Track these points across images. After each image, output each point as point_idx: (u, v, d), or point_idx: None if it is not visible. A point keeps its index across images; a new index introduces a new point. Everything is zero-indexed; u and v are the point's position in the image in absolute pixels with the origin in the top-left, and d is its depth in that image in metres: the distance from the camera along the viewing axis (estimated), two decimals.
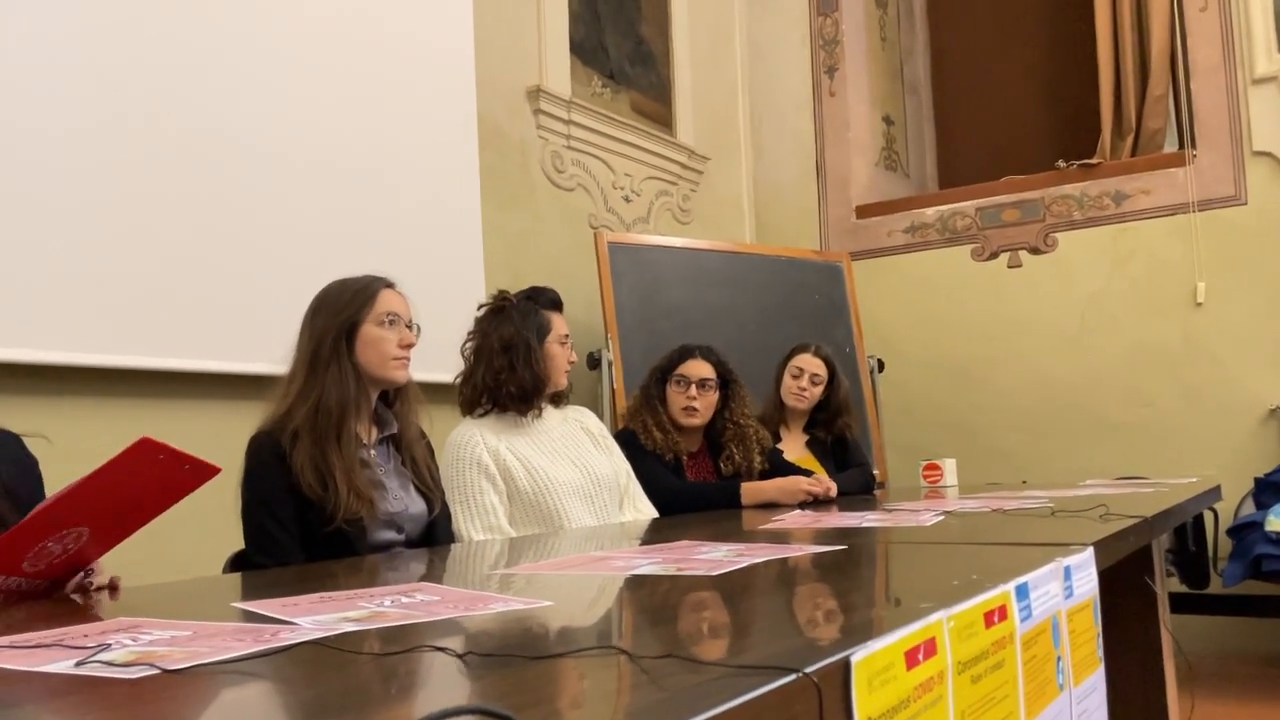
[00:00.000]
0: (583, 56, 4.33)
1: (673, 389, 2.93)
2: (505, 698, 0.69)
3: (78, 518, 1.27)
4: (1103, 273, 4.59)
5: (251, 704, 0.72)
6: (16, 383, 2.27)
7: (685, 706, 0.63)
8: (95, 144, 2.50)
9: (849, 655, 0.77)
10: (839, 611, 1.01)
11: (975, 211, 4.86)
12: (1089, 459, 4.41)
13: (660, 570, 1.38)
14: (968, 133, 5.56)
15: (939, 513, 2.16)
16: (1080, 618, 1.36)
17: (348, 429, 1.94)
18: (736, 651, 0.81)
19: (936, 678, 0.92)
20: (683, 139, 4.85)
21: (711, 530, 2.10)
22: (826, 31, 5.25)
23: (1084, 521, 1.83)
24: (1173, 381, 4.41)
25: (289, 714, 0.70)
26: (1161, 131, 4.59)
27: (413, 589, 1.24)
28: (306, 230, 2.94)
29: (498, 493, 2.38)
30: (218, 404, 2.65)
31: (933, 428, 4.74)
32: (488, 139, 3.76)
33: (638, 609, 1.13)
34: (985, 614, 1.06)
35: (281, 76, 2.95)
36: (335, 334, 1.97)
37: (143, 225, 2.57)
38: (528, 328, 2.43)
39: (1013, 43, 5.42)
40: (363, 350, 1.99)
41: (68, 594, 1.35)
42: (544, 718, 0.61)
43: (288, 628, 1.00)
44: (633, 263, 3.96)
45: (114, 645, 0.92)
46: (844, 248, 5.01)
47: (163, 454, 1.23)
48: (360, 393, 1.99)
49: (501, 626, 0.97)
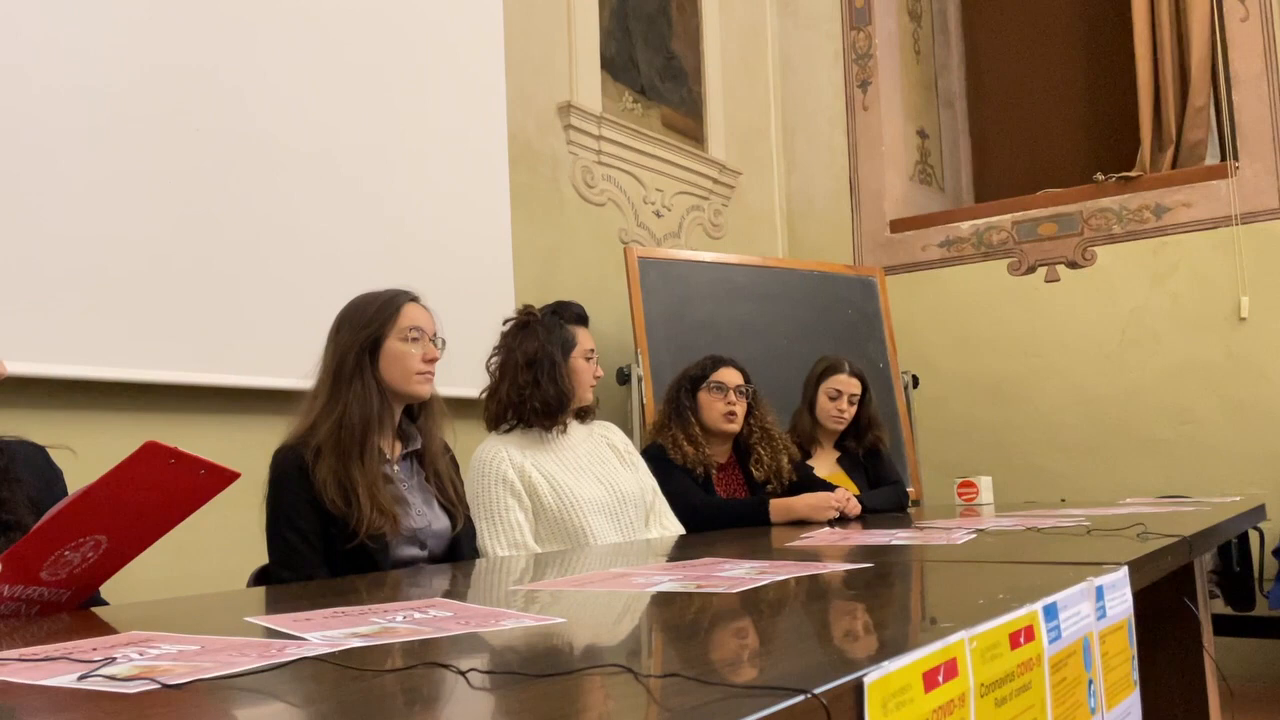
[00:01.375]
0: (613, 72, 4.33)
1: (709, 396, 2.92)
2: (499, 717, 0.67)
3: (93, 525, 1.26)
4: (1143, 287, 4.50)
5: None
6: (43, 397, 2.29)
7: None
8: (127, 160, 2.52)
9: (862, 676, 0.75)
10: (857, 631, 0.98)
11: (1012, 225, 4.80)
12: (1130, 477, 4.33)
13: (680, 587, 1.35)
14: (1004, 146, 5.50)
15: (971, 531, 2.11)
16: (1114, 639, 1.32)
17: (371, 445, 1.93)
18: (746, 671, 0.79)
19: (958, 700, 0.89)
20: (714, 154, 4.84)
21: (738, 547, 2.07)
22: (860, 45, 5.22)
23: (1120, 540, 1.78)
24: (1216, 398, 4.31)
25: None
26: (1203, 143, 4.51)
27: (427, 605, 1.23)
28: (336, 246, 2.95)
29: (523, 509, 2.36)
30: (244, 418, 2.66)
31: (969, 445, 4.67)
32: (518, 155, 3.76)
33: (651, 627, 1.10)
34: (1011, 634, 1.03)
35: (312, 92, 2.97)
36: (359, 349, 1.97)
37: (171, 240, 2.59)
38: (552, 343, 2.42)
39: (1049, 54, 5.36)
40: (386, 366, 1.98)
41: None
42: None
43: (295, 643, 0.98)
44: (663, 278, 3.94)
45: (119, 659, 0.91)
46: (878, 262, 4.96)
47: (173, 458, 1.22)
48: (384, 408, 1.98)
49: (510, 643, 0.95)
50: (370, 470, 1.91)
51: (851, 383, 3.27)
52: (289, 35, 2.93)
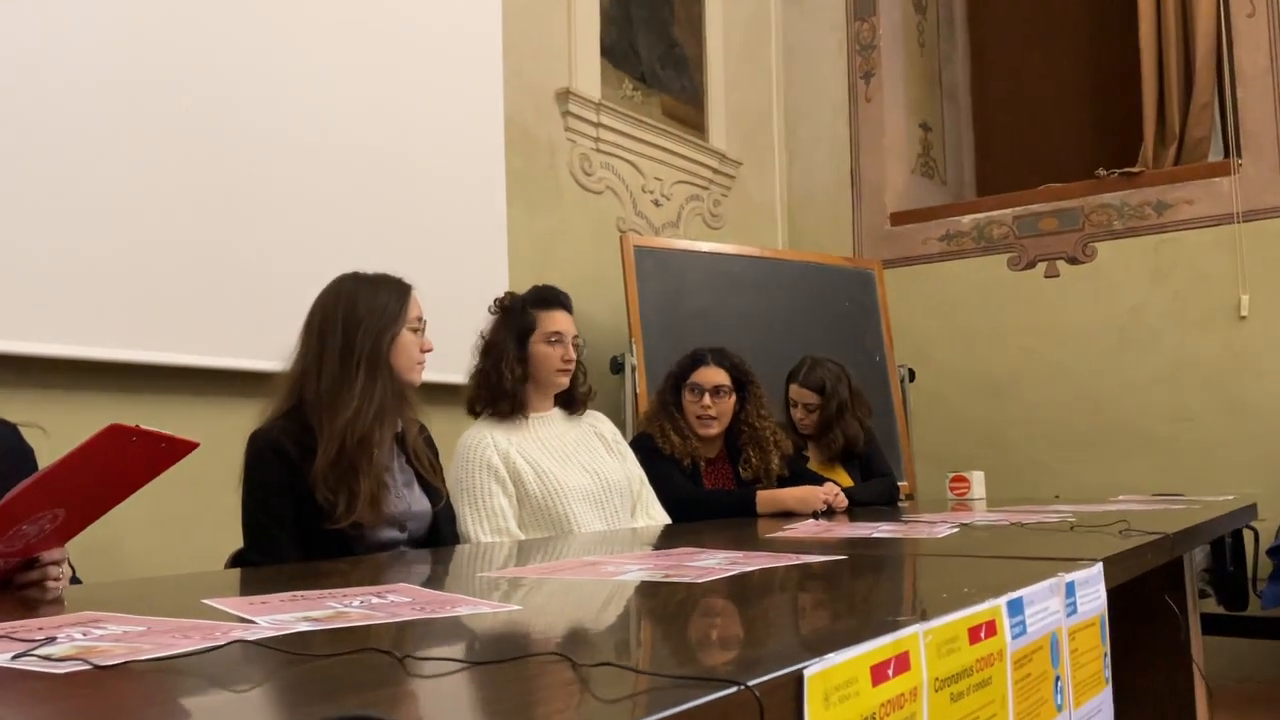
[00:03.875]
0: (614, 59, 4.30)
1: (687, 397, 2.88)
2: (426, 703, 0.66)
3: (53, 501, 1.25)
4: (1143, 284, 4.47)
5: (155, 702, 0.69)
6: (15, 375, 2.28)
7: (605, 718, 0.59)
8: (104, 134, 2.49)
9: (803, 669, 0.73)
10: (810, 624, 0.96)
11: (1012, 220, 4.77)
12: (1127, 475, 4.30)
13: (647, 577, 1.34)
14: (1007, 140, 5.46)
15: (955, 525, 2.10)
16: (1085, 635, 1.30)
17: (382, 438, 1.92)
18: (685, 661, 0.77)
19: (909, 694, 0.88)
20: (715, 143, 4.81)
21: (722, 537, 2.06)
22: (864, 36, 5.18)
23: (1101, 537, 1.77)
24: (1215, 397, 4.28)
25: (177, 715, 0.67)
26: (1206, 140, 4.47)
27: (387, 590, 1.21)
28: (327, 229, 2.93)
29: (507, 496, 2.35)
30: (223, 400, 2.64)
31: (965, 440, 4.65)
32: (515, 141, 3.74)
33: (603, 616, 1.09)
34: (970, 629, 1.01)
35: (305, 73, 2.95)
36: (387, 341, 1.93)
37: (151, 220, 2.55)
38: (509, 329, 2.42)
39: (1054, 48, 5.31)
40: (395, 356, 1.96)
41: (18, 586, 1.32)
42: None
43: (242, 626, 0.97)
44: (659, 267, 3.92)
45: (60, 639, 0.90)
46: (878, 255, 4.93)
47: (135, 436, 1.21)
48: (399, 399, 1.96)
49: (458, 631, 0.94)
50: (377, 463, 1.89)
51: (803, 393, 3.20)
52: (282, 16, 2.91)
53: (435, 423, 2.35)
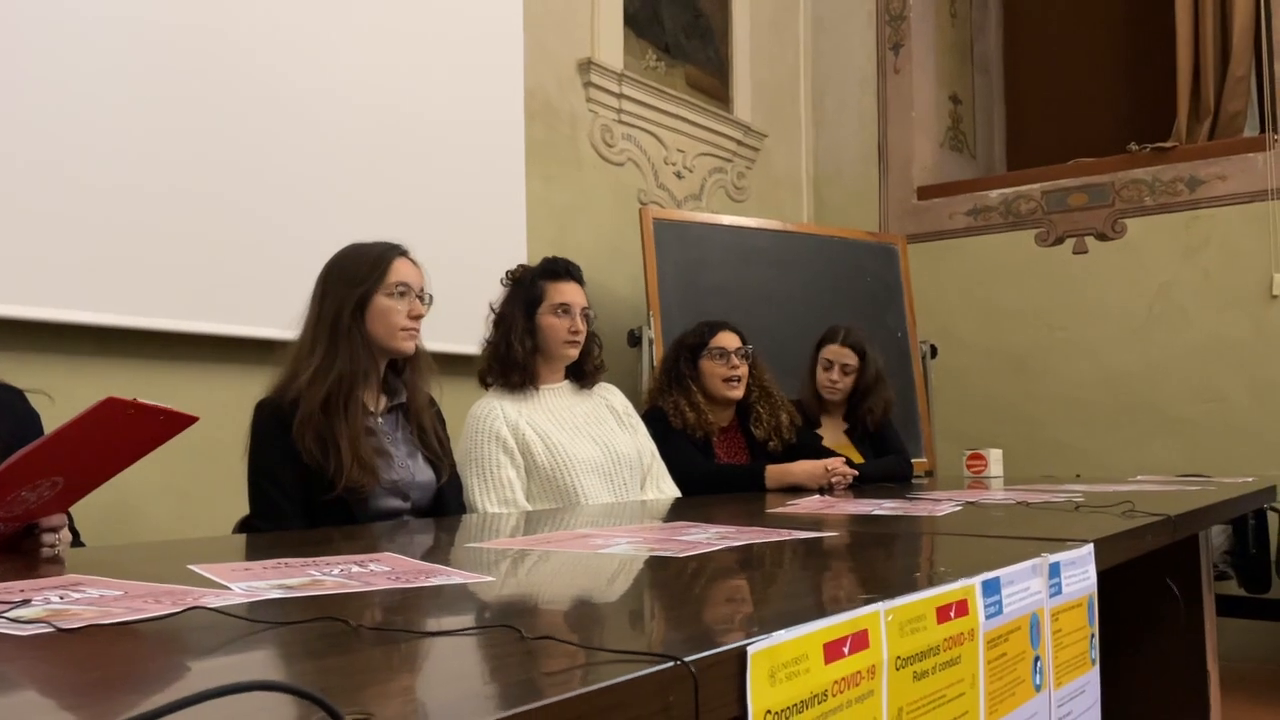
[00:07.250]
0: (637, 29, 4.27)
1: (711, 363, 2.89)
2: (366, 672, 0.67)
3: (52, 469, 1.28)
4: (1173, 261, 4.39)
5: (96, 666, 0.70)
6: (22, 339, 2.31)
7: (533, 691, 0.60)
8: (109, 100, 2.49)
9: (745, 646, 0.73)
10: (770, 599, 0.96)
11: (1041, 195, 4.70)
12: (1152, 455, 4.25)
13: (633, 551, 1.35)
14: (1039, 113, 5.37)
15: (958, 504, 2.09)
16: (1070, 616, 1.30)
17: (355, 399, 1.94)
18: (633, 636, 0.78)
19: (866, 672, 0.88)
20: (739, 115, 4.77)
21: (727, 511, 2.07)
22: (894, 6, 5.10)
23: (1103, 517, 1.75)
24: (1244, 377, 4.21)
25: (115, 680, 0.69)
26: (1242, 114, 4.37)
27: (369, 559, 1.23)
28: (343, 199, 2.94)
29: (515, 467, 2.36)
30: (233, 368, 2.67)
31: (988, 417, 4.61)
32: (536, 111, 3.73)
33: (570, 589, 1.10)
34: (939, 608, 1.01)
35: (321, 38, 2.95)
36: (350, 306, 1.97)
37: (166, 185, 2.56)
38: (516, 301, 2.43)
39: (1089, 20, 5.21)
40: (373, 321, 1.98)
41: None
42: (374, 699, 0.59)
43: (215, 591, 0.99)
44: (678, 240, 3.91)
45: (35, 602, 0.92)
46: (904, 229, 4.88)
47: (132, 409, 1.23)
48: (370, 363, 1.99)
49: (421, 601, 0.95)
50: (354, 424, 1.92)
51: (843, 353, 3.18)
52: None
53: (452, 394, 2.37)
